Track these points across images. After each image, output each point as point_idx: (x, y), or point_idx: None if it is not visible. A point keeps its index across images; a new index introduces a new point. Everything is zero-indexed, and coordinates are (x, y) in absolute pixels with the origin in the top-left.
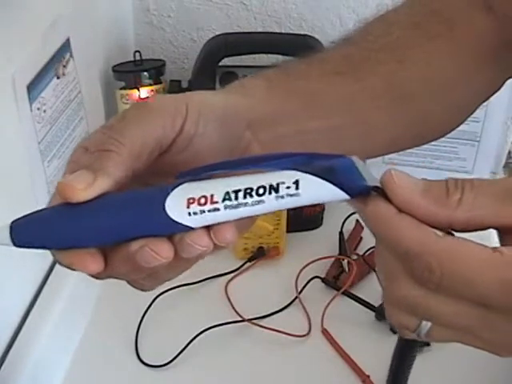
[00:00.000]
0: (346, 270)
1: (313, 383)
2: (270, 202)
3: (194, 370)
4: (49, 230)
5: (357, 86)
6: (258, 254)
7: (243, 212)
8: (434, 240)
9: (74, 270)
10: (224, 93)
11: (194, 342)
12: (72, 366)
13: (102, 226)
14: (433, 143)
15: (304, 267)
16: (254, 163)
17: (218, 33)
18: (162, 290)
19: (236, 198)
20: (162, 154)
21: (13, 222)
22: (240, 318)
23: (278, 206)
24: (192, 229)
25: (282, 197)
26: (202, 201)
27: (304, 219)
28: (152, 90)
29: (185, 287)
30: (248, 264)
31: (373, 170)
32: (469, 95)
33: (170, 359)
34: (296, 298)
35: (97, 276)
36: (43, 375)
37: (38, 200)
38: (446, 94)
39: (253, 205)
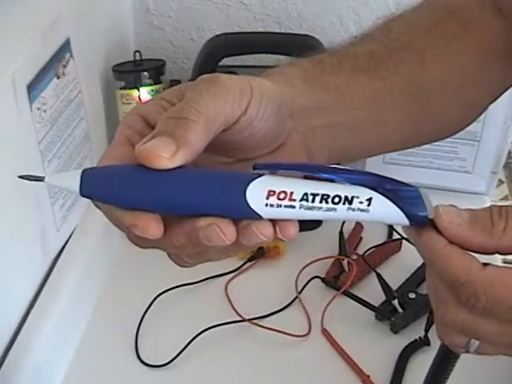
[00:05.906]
0: (346, 269)
1: (313, 383)
2: (341, 212)
3: (194, 370)
4: (122, 188)
5: (379, 84)
6: (258, 254)
7: (313, 215)
8: (478, 269)
9: (131, 231)
10: (270, 80)
11: (194, 342)
12: (72, 366)
13: (178, 197)
14: (433, 143)
15: (304, 267)
16: (330, 173)
17: (218, 33)
18: (162, 290)
19: (313, 201)
20: (223, 131)
21: (84, 170)
22: (240, 318)
23: (346, 216)
24: (261, 218)
25: (354, 210)
26: (282, 196)
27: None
28: (152, 90)
29: (185, 287)
30: (248, 264)
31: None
32: (482, 94)
33: (170, 359)
34: (296, 297)
35: (145, 243)
36: (43, 375)
37: (39, 200)
38: (462, 92)
39: (325, 210)
